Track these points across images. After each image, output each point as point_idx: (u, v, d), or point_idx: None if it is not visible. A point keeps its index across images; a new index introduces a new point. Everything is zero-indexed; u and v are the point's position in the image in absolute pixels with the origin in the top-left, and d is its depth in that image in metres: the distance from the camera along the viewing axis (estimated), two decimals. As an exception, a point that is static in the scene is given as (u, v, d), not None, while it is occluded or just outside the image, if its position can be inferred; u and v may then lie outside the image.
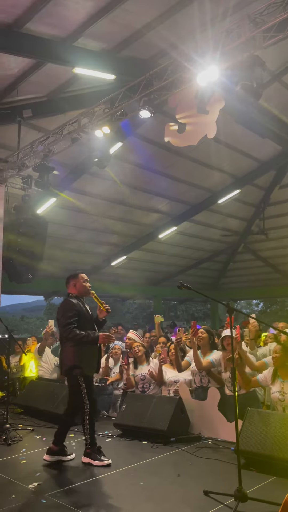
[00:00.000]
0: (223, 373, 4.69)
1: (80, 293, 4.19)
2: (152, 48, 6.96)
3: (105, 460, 3.82)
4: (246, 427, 3.88)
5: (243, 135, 10.29)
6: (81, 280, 4.19)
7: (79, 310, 4.03)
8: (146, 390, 5.30)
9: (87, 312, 4.13)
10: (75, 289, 4.19)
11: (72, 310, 3.99)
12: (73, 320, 3.92)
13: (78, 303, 4.09)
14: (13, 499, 3.16)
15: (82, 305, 4.12)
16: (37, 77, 7.47)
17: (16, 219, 8.36)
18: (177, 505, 3.06)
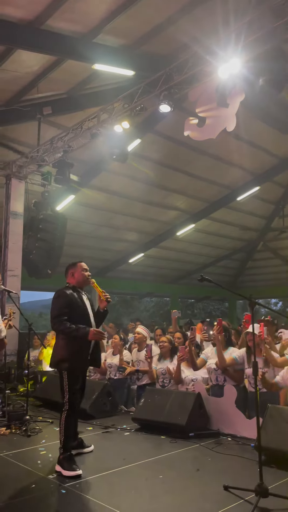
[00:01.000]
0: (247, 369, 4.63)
1: (79, 282, 3.92)
2: (172, 43, 6.94)
3: (76, 471, 3.40)
4: (267, 424, 3.83)
5: (263, 131, 10.16)
6: (79, 269, 3.94)
7: (72, 301, 3.76)
8: (166, 385, 5.30)
9: (82, 304, 3.84)
10: (73, 278, 3.94)
11: (64, 301, 3.74)
12: (63, 311, 3.70)
13: (72, 294, 3.81)
14: (34, 489, 3.20)
15: (77, 296, 3.84)
16: (57, 74, 7.53)
17: (36, 215, 8.46)
18: (196, 499, 3.04)
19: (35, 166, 8.50)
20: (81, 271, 3.94)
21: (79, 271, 3.94)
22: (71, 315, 3.71)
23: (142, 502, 3.00)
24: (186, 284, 19.04)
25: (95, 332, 3.70)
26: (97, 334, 3.71)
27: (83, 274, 3.93)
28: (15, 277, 8.17)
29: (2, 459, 3.85)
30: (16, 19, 6.14)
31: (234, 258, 18.45)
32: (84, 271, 3.95)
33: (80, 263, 4.01)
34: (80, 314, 3.77)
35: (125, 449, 4.05)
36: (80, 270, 3.94)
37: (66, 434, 3.63)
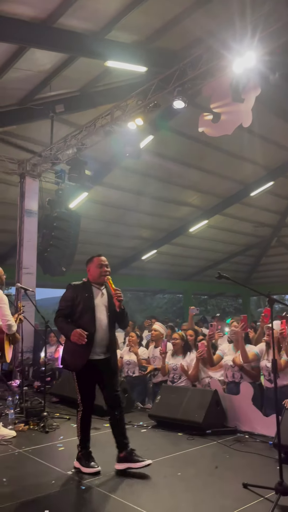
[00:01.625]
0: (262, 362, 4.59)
1: (93, 278, 3.67)
2: (185, 38, 6.88)
3: (94, 468, 3.42)
4: (285, 421, 3.79)
5: (277, 125, 10.05)
6: (94, 264, 3.68)
7: (77, 297, 3.56)
8: (176, 381, 5.28)
9: (89, 299, 3.56)
10: (89, 274, 3.72)
11: (67, 295, 3.60)
12: (63, 307, 3.58)
13: (79, 289, 3.60)
14: (53, 485, 3.23)
15: (86, 291, 3.60)
16: (69, 72, 7.54)
17: (50, 213, 8.51)
18: (216, 496, 3.04)
19: (48, 165, 8.55)
20: (96, 266, 3.67)
21: (94, 266, 3.69)
22: (74, 310, 3.55)
23: (162, 499, 3.00)
24: (199, 281, 18.98)
25: (75, 333, 3.39)
26: (76, 337, 3.39)
27: (98, 270, 3.66)
28: (30, 275, 8.24)
29: (21, 455, 3.90)
30: (28, 18, 6.16)
31: (248, 254, 18.33)
32: (99, 267, 3.67)
33: (97, 257, 3.73)
34: (84, 310, 3.53)
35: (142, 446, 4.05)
36: (95, 265, 3.68)
37: (83, 433, 3.60)
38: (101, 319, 3.56)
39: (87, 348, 3.46)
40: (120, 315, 3.63)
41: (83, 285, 3.66)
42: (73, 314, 3.55)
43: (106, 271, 3.66)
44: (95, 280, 3.67)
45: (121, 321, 3.74)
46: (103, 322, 3.56)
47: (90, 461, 3.49)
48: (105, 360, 3.57)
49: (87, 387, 3.60)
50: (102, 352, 3.56)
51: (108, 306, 3.65)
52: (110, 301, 3.64)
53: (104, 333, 3.56)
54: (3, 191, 10.54)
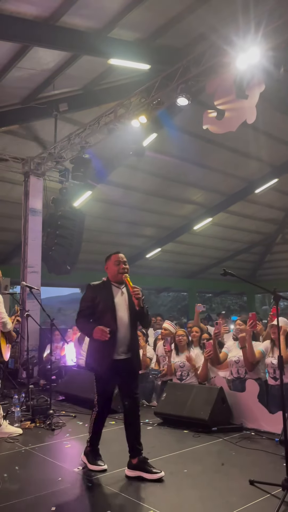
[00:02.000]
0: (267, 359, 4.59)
1: (112, 276, 3.57)
2: (188, 35, 6.86)
3: (101, 466, 3.44)
4: (291, 418, 3.78)
5: (281, 122, 10.00)
6: (111, 262, 3.58)
7: (97, 297, 3.49)
8: (184, 378, 5.29)
9: (109, 298, 3.48)
10: (108, 272, 3.62)
11: (86, 296, 3.55)
12: (83, 307, 3.52)
13: (98, 289, 3.54)
14: (60, 482, 3.25)
15: (106, 290, 3.53)
16: (72, 70, 7.55)
17: (55, 212, 8.53)
18: (222, 493, 3.04)
19: (52, 163, 8.56)
20: (113, 264, 3.56)
21: (111, 264, 3.58)
22: (95, 310, 3.48)
23: (168, 496, 3.01)
24: (204, 279, 18.95)
25: (98, 330, 3.31)
26: (99, 333, 3.30)
27: (115, 267, 3.55)
28: (35, 273, 8.26)
29: (28, 452, 3.92)
30: (31, 17, 6.17)
31: (252, 252, 18.27)
32: (117, 264, 3.55)
33: (114, 254, 3.62)
34: (104, 309, 3.45)
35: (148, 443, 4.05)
36: (112, 263, 3.57)
37: (95, 432, 3.56)
38: (122, 318, 3.46)
39: (111, 347, 3.37)
40: (141, 313, 3.52)
41: (103, 284, 3.58)
42: (94, 314, 3.49)
43: (123, 268, 3.54)
44: (114, 278, 3.57)
45: (143, 319, 3.64)
46: (124, 321, 3.47)
47: (97, 459, 3.50)
48: (127, 360, 3.46)
49: (106, 389, 3.52)
50: (124, 352, 3.45)
51: (128, 305, 3.54)
52: (131, 299, 3.52)
53: (126, 332, 3.46)
54: (8, 190, 10.57)
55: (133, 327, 3.56)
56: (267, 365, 4.58)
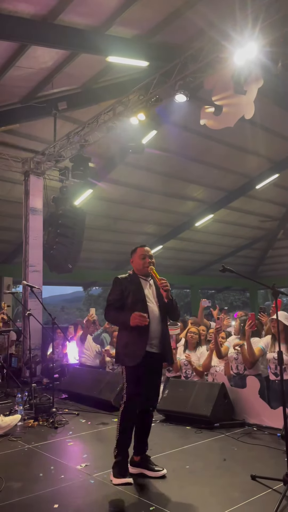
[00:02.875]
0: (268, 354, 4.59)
1: (138, 269, 3.52)
2: (186, 31, 6.83)
3: (124, 478, 3.15)
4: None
5: (281, 117, 9.96)
6: (137, 255, 3.54)
7: (126, 289, 3.42)
8: (189, 376, 5.31)
9: (138, 290, 3.42)
10: (134, 265, 3.58)
11: (116, 288, 3.46)
12: (115, 298, 3.42)
13: (126, 281, 3.46)
14: (63, 479, 3.26)
15: (134, 283, 3.46)
16: (71, 68, 7.53)
17: (55, 211, 8.54)
18: (224, 488, 3.05)
19: (52, 162, 8.56)
20: (139, 257, 3.52)
21: (137, 257, 3.54)
22: (124, 303, 3.39)
23: (170, 492, 3.02)
24: (206, 275, 18.96)
25: (135, 316, 3.21)
26: (138, 318, 3.20)
27: (141, 261, 3.50)
28: (36, 273, 8.28)
29: (31, 451, 3.94)
30: (29, 15, 6.16)
31: (254, 248, 18.25)
32: (142, 258, 3.51)
33: (140, 248, 3.59)
34: (135, 301, 3.36)
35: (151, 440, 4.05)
36: (138, 257, 3.53)
37: (121, 430, 3.26)
38: (153, 309, 3.39)
39: (144, 338, 3.28)
40: (170, 305, 3.45)
41: (130, 277, 3.52)
42: (123, 307, 3.39)
43: (149, 262, 3.49)
44: (140, 271, 3.53)
45: (172, 312, 3.54)
46: (155, 313, 3.40)
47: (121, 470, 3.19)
48: (159, 355, 3.38)
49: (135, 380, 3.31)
50: (156, 345, 3.35)
51: (157, 298, 3.48)
52: (159, 292, 3.46)
53: (157, 324, 3.38)
54: (8, 189, 10.59)
55: (163, 320, 3.47)
56: (269, 361, 4.58)
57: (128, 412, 3.29)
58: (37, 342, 7.79)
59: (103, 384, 5.50)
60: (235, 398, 4.66)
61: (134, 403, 3.30)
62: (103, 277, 16.65)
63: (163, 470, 3.31)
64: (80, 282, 19.33)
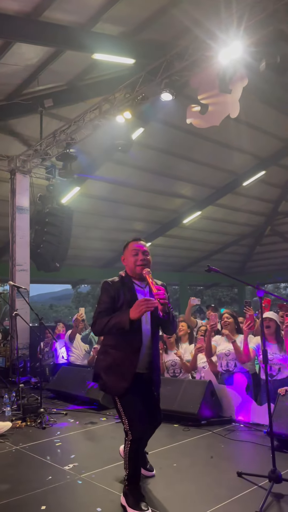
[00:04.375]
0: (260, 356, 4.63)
1: (130, 270, 2.84)
2: (172, 29, 6.82)
3: (143, 510, 2.64)
4: (278, 410, 3.85)
5: (267, 114, 10.04)
6: (128, 251, 2.87)
7: (119, 297, 2.78)
8: (177, 375, 5.33)
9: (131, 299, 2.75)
10: (126, 265, 2.91)
11: (104, 299, 2.80)
12: (103, 308, 2.77)
13: (118, 287, 2.80)
14: (50, 480, 3.26)
15: (127, 288, 2.80)
16: (57, 65, 7.47)
17: (42, 209, 8.48)
18: (211, 486, 3.08)
19: (38, 160, 8.49)
20: (130, 254, 2.84)
21: (128, 255, 2.86)
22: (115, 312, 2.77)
23: (157, 490, 3.04)
24: (195, 272, 19.05)
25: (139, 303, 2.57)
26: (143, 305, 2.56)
27: (132, 258, 2.82)
28: (23, 272, 8.23)
29: (18, 452, 3.92)
30: (13, 12, 6.08)
31: (242, 244, 18.38)
32: (134, 254, 2.82)
33: (132, 242, 2.90)
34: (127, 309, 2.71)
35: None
36: (129, 253, 2.85)
37: (130, 466, 2.78)
38: (146, 327, 2.82)
39: (132, 364, 2.73)
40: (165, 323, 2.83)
41: (121, 281, 2.84)
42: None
43: (142, 260, 2.80)
44: (133, 272, 2.84)
45: (167, 327, 2.93)
46: (148, 331, 2.82)
47: (140, 500, 2.72)
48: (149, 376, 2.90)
49: (133, 407, 2.76)
50: (146, 368, 2.86)
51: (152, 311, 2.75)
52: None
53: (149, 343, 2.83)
54: (-5, 188, 10.48)
55: (155, 338, 2.91)
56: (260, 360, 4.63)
57: (136, 451, 2.78)
58: (25, 341, 7.75)
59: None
60: (222, 395, 4.70)
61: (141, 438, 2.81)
62: (91, 275, 16.61)
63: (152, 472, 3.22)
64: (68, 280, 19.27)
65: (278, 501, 2.82)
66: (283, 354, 4.38)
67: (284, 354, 4.38)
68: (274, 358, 4.38)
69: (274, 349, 4.41)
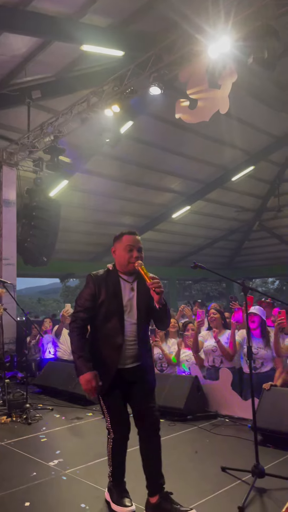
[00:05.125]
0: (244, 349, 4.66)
1: (121, 265, 2.73)
2: (161, 21, 6.74)
3: (128, 506, 2.64)
4: (263, 405, 3.89)
5: (257, 110, 10.04)
6: (122, 245, 2.72)
7: (100, 293, 2.66)
8: (164, 369, 5.36)
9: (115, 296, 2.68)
10: (116, 258, 2.78)
11: (85, 293, 2.70)
12: (81, 308, 2.69)
13: (101, 282, 2.69)
14: (35, 476, 3.25)
15: (112, 284, 2.70)
16: (44, 56, 7.36)
17: (29, 203, 8.39)
18: (195, 481, 3.11)
19: (26, 153, 8.38)
20: (123, 249, 2.71)
21: (120, 249, 2.73)
22: (97, 312, 2.67)
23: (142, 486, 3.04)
24: (183, 266, 19.09)
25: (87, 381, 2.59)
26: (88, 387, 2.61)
27: (125, 254, 2.69)
28: (10, 266, 8.15)
29: (3, 448, 3.90)
30: (0, 2, 5.96)
31: (230, 239, 18.46)
32: (128, 250, 2.69)
33: (127, 235, 2.75)
34: (109, 313, 2.65)
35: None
36: (121, 248, 2.71)
37: (114, 464, 2.77)
38: (131, 324, 2.69)
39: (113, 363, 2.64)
40: (161, 312, 2.65)
41: (107, 276, 2.72)
42: (96, 317, 2.69)
43: (137, 258, 2.68)
44: (122, 267, 2.72)
45: (160, 321, 2.78)
46: (133, 329, 2.69)
47: (123, 496, 2.72)
48: (136, 368, 2.73)
49: (116, 406, 2.72)
50: (132, 362, 2.72)
51: (141, 304, 2.72)
52: (142, 297, 2.73)
53: (134, 340, 2.69)
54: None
55: (145, 332, 2.77)
56: (244, 354, 4.67)
57: (118, 447, 2.76)
58: (11, 336, 7.70)
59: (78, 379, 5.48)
60: (208, 390, 4.73)
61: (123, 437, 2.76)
62: (80, 269, 16.54)
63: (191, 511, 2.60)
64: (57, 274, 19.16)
65: (261, 495, 2.85)
66: (268, 349, 4.42)
67: (269, 350, 4.42)
68: (258, 352, 4.41)
69: (259, 344, 4.45)
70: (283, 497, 2.80)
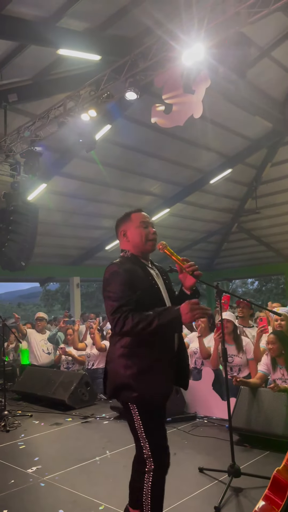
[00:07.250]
0: None
1: (137, 247, 2.32)
2: (137, 26, 6.80)
3: None
4: (240, 405, 3.95)
5: (233, 114, 10.20)
6: (134, 224, 2.35)
7: (132, 280, 2.15)
8: None
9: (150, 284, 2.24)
10: (128, 242, 2.36)
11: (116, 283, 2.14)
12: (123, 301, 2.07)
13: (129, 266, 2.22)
14: (12, 484, 3.23)
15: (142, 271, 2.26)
16: (21, 60, 7.29)
17: (6, 207, 8.29)
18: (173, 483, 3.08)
19: (3, 157, 8.29)
20: (138, 226, 2.32)
21: (132, 228, 2.33)
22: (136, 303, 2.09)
23: (120, 489, 3.06)
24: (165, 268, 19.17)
25: (190, 306, 1.98)
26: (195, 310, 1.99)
27: (141, 232, 2.32)
28: (-12, 271, 8.04)
29: (-19, 456, 3.86)
30: (-27, 5, 5.89)
31: (210, 241, 18.64)
32: (144, 226, 2.33)
33: (136, 213, 2.40)
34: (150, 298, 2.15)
35: (104, 438, 4.11)
36: (134, 227, 2.33)
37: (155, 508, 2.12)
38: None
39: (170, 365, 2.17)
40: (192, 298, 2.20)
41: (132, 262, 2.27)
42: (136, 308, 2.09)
43: (154, 233, 2.34)
44: (140, 249, 2.32)
45: None
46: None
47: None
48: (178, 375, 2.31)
49: (159, 430, 2.18)
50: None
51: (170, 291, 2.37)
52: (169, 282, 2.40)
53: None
54: None
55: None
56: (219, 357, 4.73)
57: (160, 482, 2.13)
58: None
59: (57, 384, 5.47)
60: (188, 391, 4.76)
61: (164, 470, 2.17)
62: (60, 273, 16.41)
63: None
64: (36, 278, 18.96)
65: (237, 495, 2.91)
66: (241, 354, 4.46)
67: (242, 354, 4.47)
68: (234, 360, 4.46)
69: (232, 351, 4.47)
70: (258, 495, 2.85)
